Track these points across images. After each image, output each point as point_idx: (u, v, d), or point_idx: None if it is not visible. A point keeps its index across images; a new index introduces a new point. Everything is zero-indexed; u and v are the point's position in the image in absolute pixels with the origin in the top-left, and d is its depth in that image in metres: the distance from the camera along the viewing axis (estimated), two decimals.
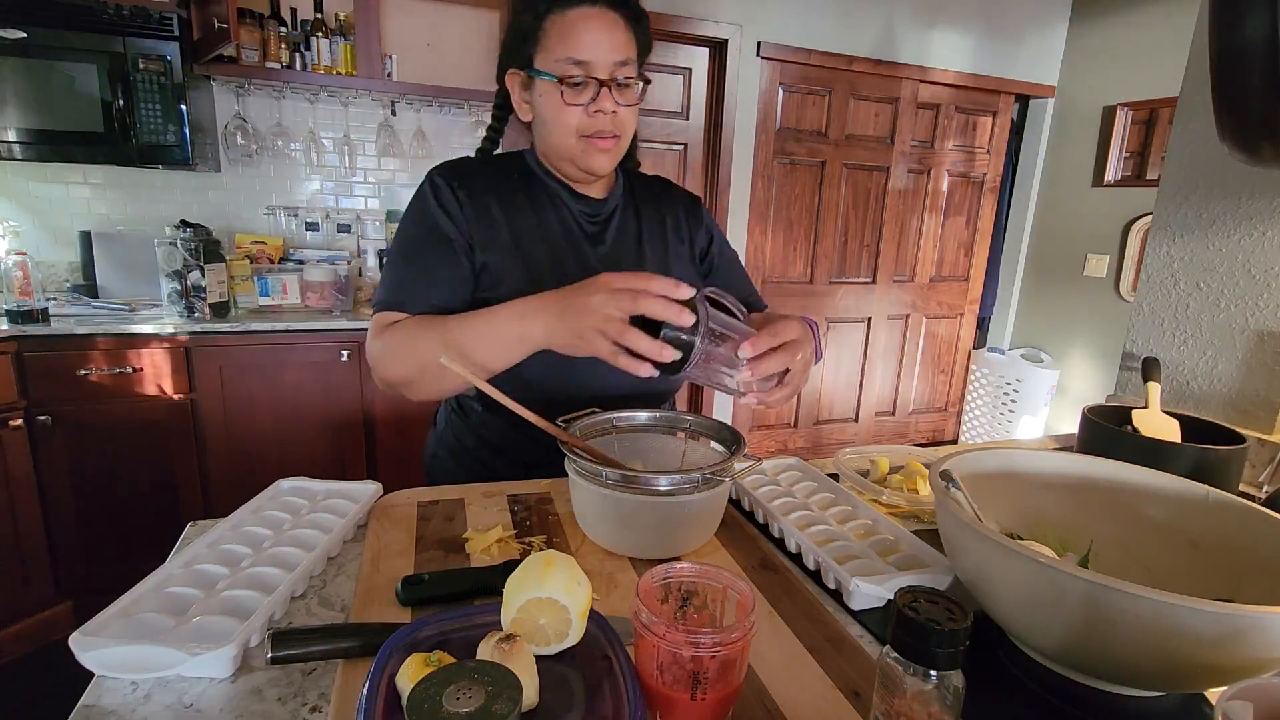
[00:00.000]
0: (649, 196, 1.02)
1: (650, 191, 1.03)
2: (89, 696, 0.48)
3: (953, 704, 0.38)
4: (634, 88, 0.86)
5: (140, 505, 1.97)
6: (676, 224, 1.02)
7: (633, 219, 0.99)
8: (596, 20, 0.83)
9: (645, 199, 1.01)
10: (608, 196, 0.97)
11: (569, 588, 0.47)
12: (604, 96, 0.84)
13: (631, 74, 0.85)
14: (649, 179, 1.06)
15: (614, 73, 0.84)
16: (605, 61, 0.83)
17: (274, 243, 2.40)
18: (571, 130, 0.85)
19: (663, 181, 1.07)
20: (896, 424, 3.74)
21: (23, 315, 1.78)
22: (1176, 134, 1.29)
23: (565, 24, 0.83)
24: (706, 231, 1.06)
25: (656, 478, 0.66)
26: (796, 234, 3.23)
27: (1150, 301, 1.34)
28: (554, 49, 0.83)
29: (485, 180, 0.91)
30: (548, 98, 0.85)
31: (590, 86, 0.83)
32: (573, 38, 0.82)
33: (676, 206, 1.04)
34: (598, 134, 0.85)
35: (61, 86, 1.91)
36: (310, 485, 0.78)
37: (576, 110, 0.84)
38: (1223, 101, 0.74)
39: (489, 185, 0.90)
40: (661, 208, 1.02)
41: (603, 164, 0.88)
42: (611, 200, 0.98)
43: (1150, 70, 2.98)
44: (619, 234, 0.97)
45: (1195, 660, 0.43)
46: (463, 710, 0.35)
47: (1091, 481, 0.68)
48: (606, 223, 0.96)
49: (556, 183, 0.94)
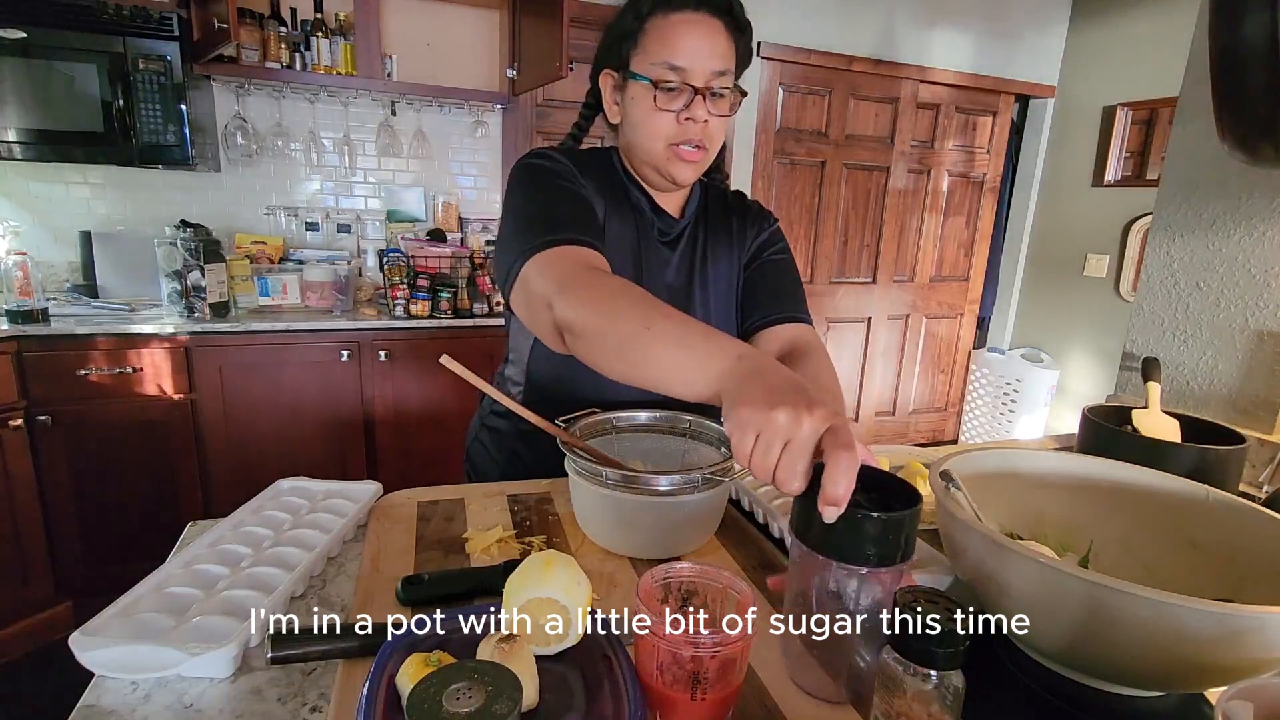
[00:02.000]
0: (722, 212, 0.99)
1: (723, 206, 1.00)
2: (89, 696, 0.48)
3: (953, 704, 0.38)
4: (728, 99, 0.85)
5: (140, 505, 1.97)
6: (741, 239, 0.98)
7: (702, 240, 0.96)
8: (699, 26, 0.81)
9: (718, 218, 0.98)
10: (681, 215, 0.95)
11: (569, 588, 0.47)
12: (697, 104, 0.82)
13: (728, 84, 0.84)
14: (726, 194, 1.02)
15: (710, 82, 0.82)
16: (703, 69, 0.81)
17: (274, 243, 2.40)
18: (660, 136, 0.84)
19: (740, 197, 1.03)
20: (896, 424, 3.74)
21: (23, 315, 1.78)
22: (1176, 134, 1.29)
23: (667, 27, 0.81)
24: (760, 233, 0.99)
25: (656, 478, 0.66)
26: (796, 234, 3.22)
27: (1150, 301, 1.34)
28: (652, 52, 0.82)
29: (588, 167, 0.89)
30: (640, 101, 0.83)
31: (684, 93, 0.82)
32: (673, 41, 0.81)
33: (748, 227, 0.99)
34: (686, 142, 0.84)
35: (61, 86, 1.91)
36: (310, 485, 0.78)
37: (668, 116, 0.82)
38: (1223, 101, 0.74)
39: (591, 173, 0.88)
40: (733, 227, 0.98)
41: (686, 175, 0.87)
42: (684, 220, 0.95)
43: (1150, 70, 2.98)
44: (683, 254, 0.95)
45: (1195, 660, 0.43)
46: (463, 710, 0.35)
47: (1091, 481, 0.68)
48: (674, 244, 0.94)
49: (639, 190, 0.92)
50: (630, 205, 0.92)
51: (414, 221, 2.64)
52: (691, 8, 0.82)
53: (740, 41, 0.86)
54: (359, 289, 2.40)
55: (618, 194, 0.91)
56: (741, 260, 0.99)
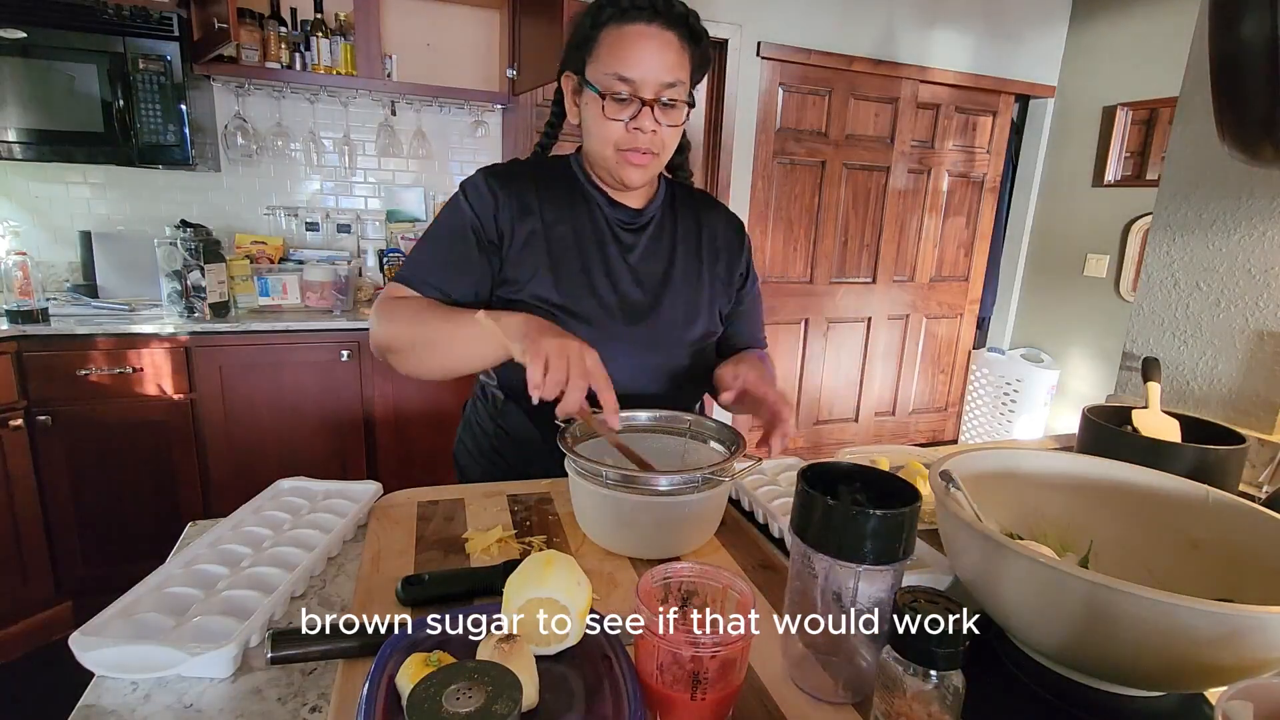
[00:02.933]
0: (690, 208, 1.02)
1: (692, 204, 1.03)
2: (89, 696, 0.48)
3: (953, 704, 0.38)
4: (679, 109, 0.86)
5: (140, 505, 1.97)
6: (713, 241, 1.01)
7: (669, 229, 0.98)
8: (651, 40, 0.82)
9: (686, 210, 1.01)
10: (646, 206, 0.97)
11: (569, 588, 0.47)
12: (644, 116, 0.84)
13: (678, 96, 0.85)
14: (694, 191, 1.06)
15: (659, 93, 0.83)
16: (652, 82, 0.83)
17: (274, 243, 2.40)
18: (608, 142, 0.86)
19: (707, 196, 1.07)
20: (896, 424, 3.74)
21: (23, 315, 1.78)
22: (1176, 134, 1.29)
23: (620, 38, 0.82)
24: (746, 264, 1.05)
25: (657, 477, 0.66)
26: (796, 234, 3.22)
27: (1150, 301, 1.34)
28: (604, 61, 0.83)
29: (529, 180, 0.92)
30: (591, 107, 0.86)
31: (633, 104, 0.83)
32: (623, 53, 0.82)
33: (717, 224, 1.03)
34: (634, 149, 0.85)
35: (61, 86, 1.91)
36: (310, 485, 0.78)
37: (616, 125, 0.84)
38: (1223, 101, 0.74)
39: (532, 185, 0.92)
40: (701, 220, 1.01)
41: (635, 178, 0.89)
42: (650, 209, 0.97)
43: (1150, 70, 2.98)
44: (652, 242, 0.96)
45: (1195, 660, 0.43)
46: (463, 710, 0.35)
47: (1091, 481, 0.68)
48: (641, 230, 0.96)
49: (595, 188, 0.94)
50: (587, 205, 0.94)
51: (414, 221, 2.64)
52: (645, 20, 0.82)
53: (695, 51, 0.87)
54: (359, 289, 2.40)
55: (574, 193, 0.94)
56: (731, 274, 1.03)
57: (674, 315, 0.95)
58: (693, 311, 0.97)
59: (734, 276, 1.03)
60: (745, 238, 1.06)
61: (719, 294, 1.01)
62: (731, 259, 1.03)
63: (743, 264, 1.05)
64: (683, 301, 0.96)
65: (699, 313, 0.97)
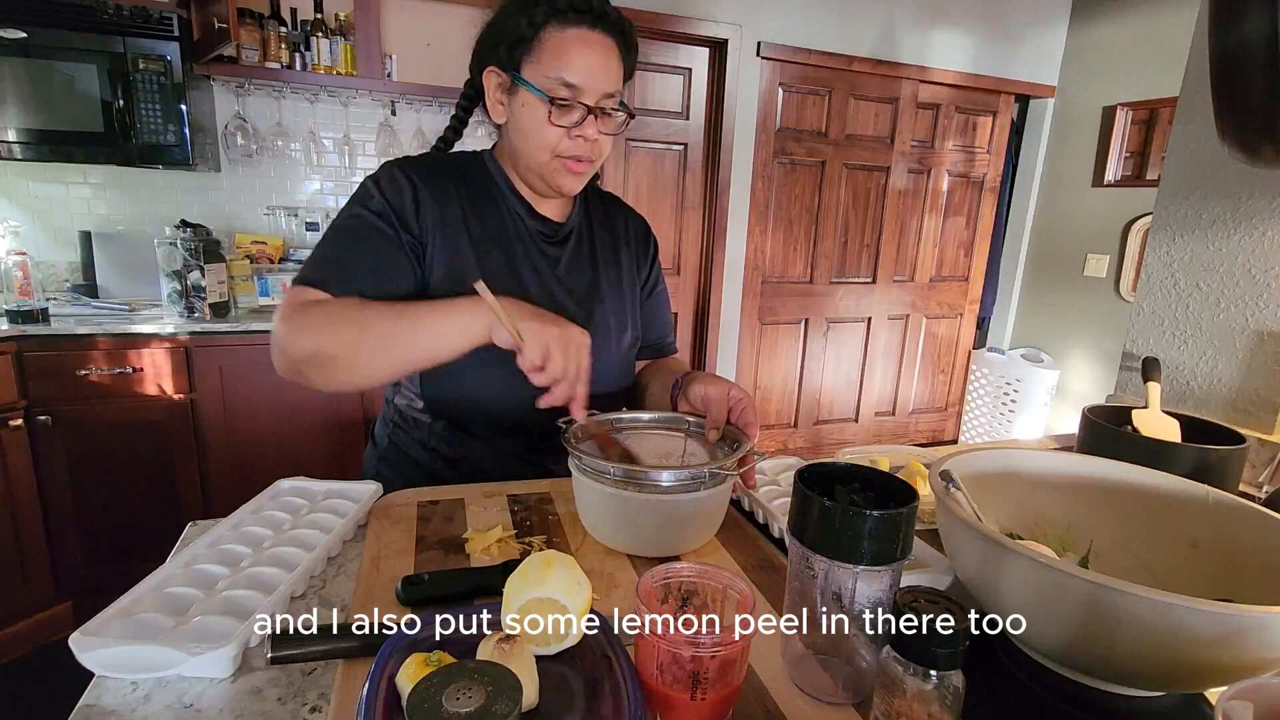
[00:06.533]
0: (604, 217, 1.01)
1: (606, 212, 1.03)
2: (89, 696, 0.48)
3: (953, 704, 0.38)
4: (616, 118, 0.85)
5: (140, 505, 1.97)
6: (628, 245, 1.02)
7: (587, 239, 0.98)
8: (595, 46, 0.81)
9: (600, 221, 1.01)
10: (565, 220, 0.96)
11: (569, 588, 0.47)
12: (588, 124, 0.82)
13: (616, 105, 0.85)
14: (604, 197, 1.05)
15: (601, 101, 0.82)
16: (596, 89, 0.81)
17: (274, 243, 2.40)
18: (549, 149, 0.83)
19: (616, 200, 1.07)
20: (896, 424, 3.74)
21: (23, 315, 1.78)
22: (1176, 134, 1.29)
23: (564, 41, 0.80)
24: (650, 264, 1.06)
25: (659, 473, 0.66)
26: (796, 234, 3.22)
27: (1150, 301, 1.34)
28: (547, 64, 0.80)
29: (449, 181, 0.88)
30: (531, 111, 0.82)
31: (578, 110, 0.81)
32: (569, 58, 0.80)
33: (630, 231, 1.03)
34: (574, 158, 0.84)
35: (61, 86, 1.91)
36: (310, 485, 0.78)
37: (559, 131, 0.82)
38: (1223, 101, 0.74)
39: (453, 188, 0.87)
40: (615, 229, 1.02)
41: (572, 185, 0.87)
42: (569, 223, 0.96)
43: (1150, 70, 2.98)
44: (574, 254, 0.95)
45: (1195, 660, 0.43)
46: (463, 710, 0.35)
47: (1091, 481, 0.68)
48: (563, 243, 0.95)
49: (515, 197, 0.91)
50: (504, 210, 0.91)
51: None
52: (588, 25, 0.81)
53: (628, 60, 0.86)
54: None
55: (494, 200, 0.90)
56: (641, 276, 1.03)
57: (606, 327, 0.94)
58: (622, 321, 0.97)
59: (640, 279, 1.03)
60: (652, 239, 1.07)
61: (638, 299, 1.02)
62: (640, 262, 1.03)
63: (649, 266, 1.05)
64: (612, 313, 0.96)
65: (627, 322, 0.98)
